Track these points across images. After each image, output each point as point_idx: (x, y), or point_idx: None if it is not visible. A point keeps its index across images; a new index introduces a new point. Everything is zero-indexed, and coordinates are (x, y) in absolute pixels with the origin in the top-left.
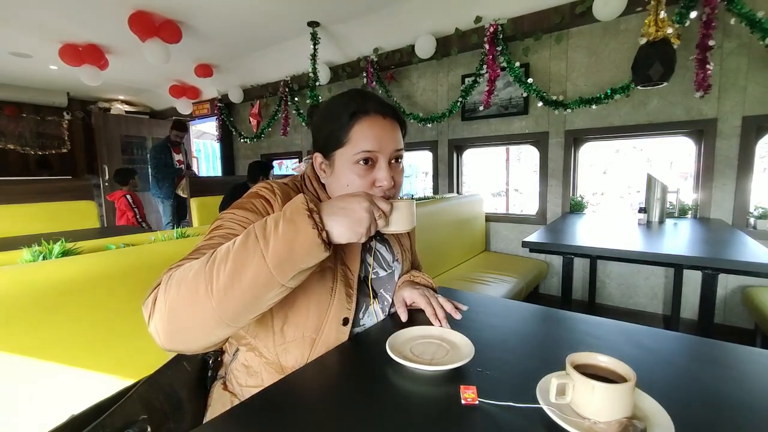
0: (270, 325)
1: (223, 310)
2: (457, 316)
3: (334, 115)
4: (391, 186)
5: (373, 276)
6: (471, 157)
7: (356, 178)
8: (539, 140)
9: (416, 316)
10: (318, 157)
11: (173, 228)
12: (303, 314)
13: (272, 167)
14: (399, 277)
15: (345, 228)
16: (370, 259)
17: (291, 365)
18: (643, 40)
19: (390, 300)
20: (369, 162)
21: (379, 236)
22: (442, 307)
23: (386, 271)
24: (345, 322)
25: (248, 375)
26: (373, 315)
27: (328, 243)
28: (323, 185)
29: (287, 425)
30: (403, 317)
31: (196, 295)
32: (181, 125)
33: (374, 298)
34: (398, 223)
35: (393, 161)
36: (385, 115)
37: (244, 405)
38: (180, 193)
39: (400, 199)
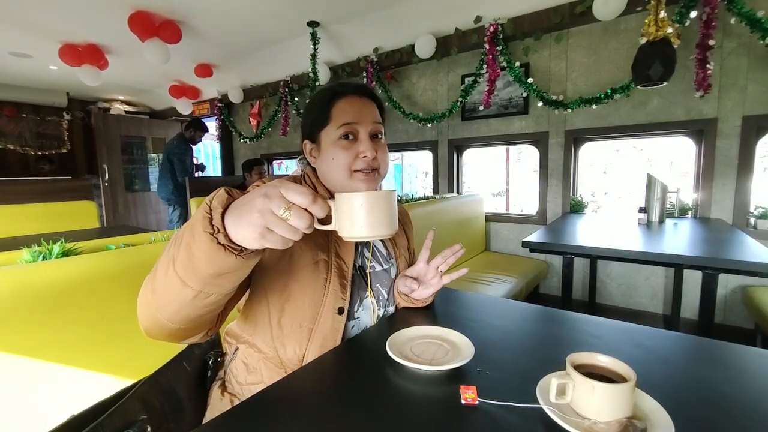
0: (267, 319)
1: (161, 311)
2: (463, 271)
3: (316, 102)
4: (374, 158)
5: (370, 270)
6: (471, 157)
7: (341, 150)
8: (539, 140)
9: (416, 316)
10: (307, 144)
11: None
12: (299, 305)
13: (261, 162)
14: (396, 275)
15: (241, 229)
16: (367, 253)
17: (290, 357)
18: (643, 40)
19: (386, 295)
20: (351, 137)
21: None
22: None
23: (383, 266)
24: (340, 311)
25: (248, 372)
26: (369, 309)
27: (238, 247)
28: (318, 178)
29: (287, 425)
30: (414, 285)
31: (145, 291)
32: (204, 126)
33: (370, 288)
34: (345, 224)
35: (374, 138)
36: (361, 95)
37: (243, 405)
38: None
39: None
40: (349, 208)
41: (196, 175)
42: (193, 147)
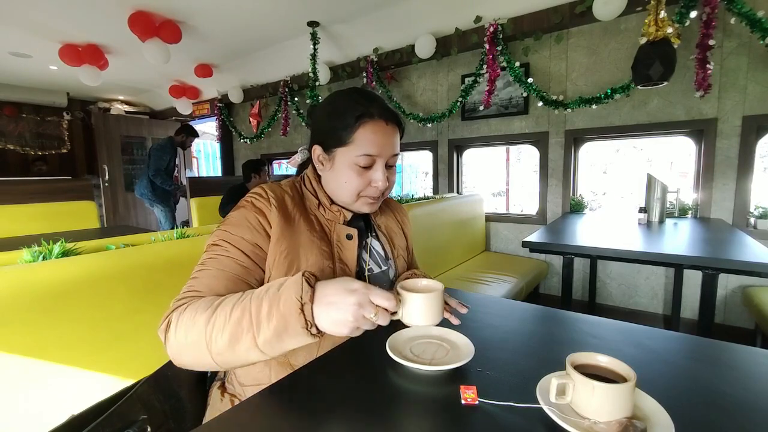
0: None
1: (221, 363)
2: (463, 311)
3: (339, 113)
4: (386, 187)
5: (369, 273)
6: (471, 157)
7: (354, 176)
8: (539, 140)
9: None
10: (317, 149)
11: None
12: None
13: (265, 163)
14: (394, 276)
15: (330, 324)
16: (366, 256)
17: (300, 363)
18: (643, 40)
19: None
20: (367, 166)
21: (374, 233)
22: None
23: (380, 268)
24: None
25: (252, 373)
26: None
27: (319, 331)
28: (321, 183)
29: (286, 425)
30: None
31: (199, 348)
32: (195, 131)
33: None
34: (409, 316)
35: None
36: (388, 121)
37: (243, 405)
38: None
39: (414, 288)
40: (414, 304)
41: (172, 186)
42: (180, 152)
